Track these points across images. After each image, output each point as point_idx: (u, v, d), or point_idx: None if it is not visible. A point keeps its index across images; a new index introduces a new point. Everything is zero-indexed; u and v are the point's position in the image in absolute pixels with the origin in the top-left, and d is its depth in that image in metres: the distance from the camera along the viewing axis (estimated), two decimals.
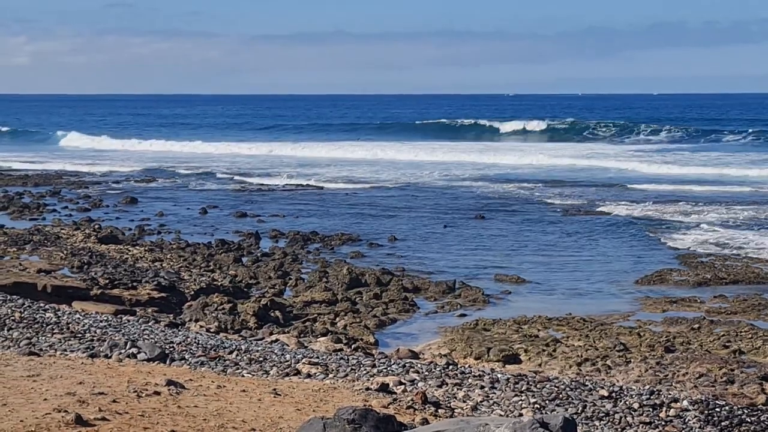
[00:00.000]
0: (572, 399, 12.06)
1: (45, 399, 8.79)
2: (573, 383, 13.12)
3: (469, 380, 12.65)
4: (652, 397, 12.41)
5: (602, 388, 12.88)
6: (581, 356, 17.55)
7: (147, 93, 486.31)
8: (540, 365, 17.33)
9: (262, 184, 49.98)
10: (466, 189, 47.77)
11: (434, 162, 65.32)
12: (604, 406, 11.86)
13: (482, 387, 12.21)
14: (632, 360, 17.35)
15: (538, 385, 12.59)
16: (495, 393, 11.95)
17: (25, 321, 14.93)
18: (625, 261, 27.86)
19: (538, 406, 11.53)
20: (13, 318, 15.04)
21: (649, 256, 28.52)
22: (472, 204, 41.12)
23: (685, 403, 12.30)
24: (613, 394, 12.48)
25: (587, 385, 13.05)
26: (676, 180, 51.36)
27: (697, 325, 19.94)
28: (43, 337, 13.72)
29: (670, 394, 12.90)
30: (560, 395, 12.16)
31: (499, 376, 13.13)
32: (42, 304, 17.39)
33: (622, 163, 62.17)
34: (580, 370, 16.87)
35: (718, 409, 12.22)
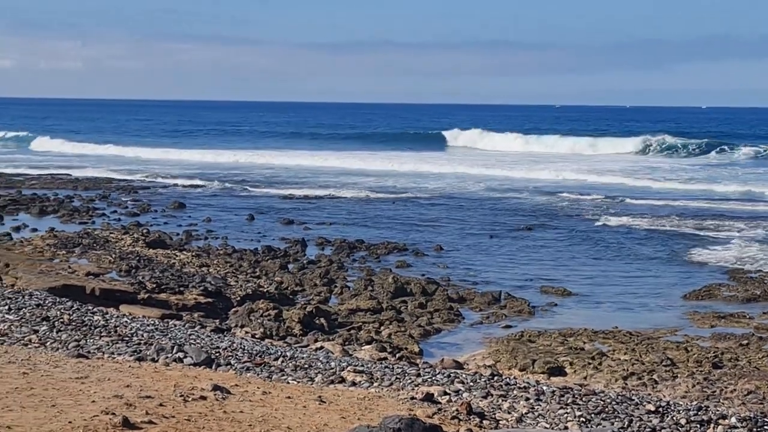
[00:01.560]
0: (618, 413, 11.95)
1: (93, 401, 8.85)
2: (619, 397, 13.00)
3: (514, 392, 12.59)
4: (699, 413, 12.26)
5: (649, 402, 12.75)
6: (627, 370, 17.41)
7: (195, 99, 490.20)
8: (585, 378, 17.21)
9: (308, 194, 50.00)
10: (513, 200, 47.62)
11: (479, 174, 65.00)
12: (650, 421, 11.73)
13: (527, 399, 12.14)
14: (679, 375, 17.18)
15: (583, 398, 12.49)
16: (540, 405, 11.87)
17: (73, 323, 15.05)
18: (673, 275, 27.63)
19: (584, 420, 11.43)
20: (62, 320, 15.18)
21: (697, 271, 28.27)
22: (519, 215, 41.00)
23: (733, 420, 12.14)
24: (660, 410, 12.35)
25: (633, 400, 12.92)
26: (723, 197, 50.86)
27: (745, 342, 19.71)
28: (91, 340, 13.82)
29: (717, 411, 12.74)
30: (606, 409, 12.06)
31: (544, 388, 13.04)
32: (90, 307, 17.54)
33: (664, 182, 61.39)
34: (626, 384, 16.73)
35: (766, 427, 12.06)
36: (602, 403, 12.37)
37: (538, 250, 31.80)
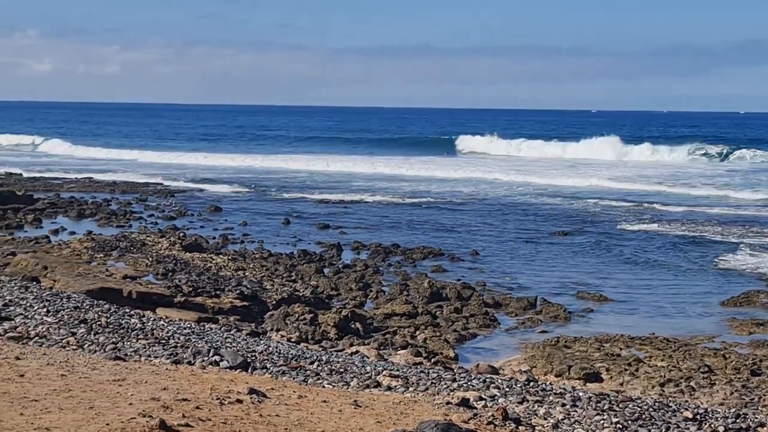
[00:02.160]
0: (655, 420, 11.86)
1: (130, 403, 8.89)
2: (656, 404, 12.90)
3: (550, 397, 12.52)
4: (738, 421, 12.15)
5: (686, 409, 12.65)
6: (664, 377, 17.30)
7: (233, 103, 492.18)
8: (622, 384, 17.12)
9: (343, 199, 50.02)
10: (548, 206, 47.50)
11: (513, 180, 64.80)
12: (688, 429, 11.64)
13: (563, 405, 12.07)
14: (717, 382, 17.04)
15: (620, 405, 12.40)
16: (576, 411, 11.80)
17: (111, 326, 15.14)
18: (710, 282, 27.44)
19: (621, 426, 11.35)
20: (99, 323, 15.27)
21: (735, 278, 28.05)
22: (554, 221, 40.88)
23: None
24: (698, 417, 12.24)
25: (671, 407, 12.82)
26: (763, 203, 50.41)
27: None
28: (128, 342, 13.89)
29: (756, 419, 12.62)
30: (643, 416, 11.97)
31: (580, 394, 12.97)
32: (127, 310, 17.62)
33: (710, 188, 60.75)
34: (663, 390, 16.63)
35: None
36: (639, 409, 12.28)
37: (573, 255, 31.67)
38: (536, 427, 10.82)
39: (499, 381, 13.64)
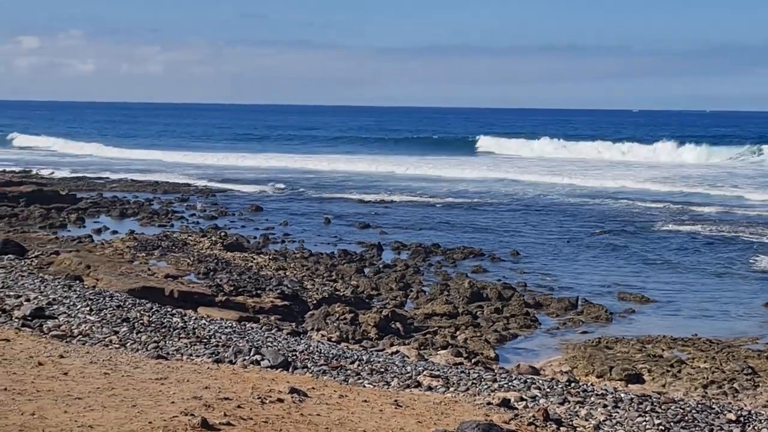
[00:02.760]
0: (698, 422, 11.76)
1: (172, 402, 8.94)
2: (699, 406, 12.79)
3: (592, 398, 12.45)
4: None
5: (729, 411, 12.54)
6: (707, 378, 17.16)
7: (274, 103, 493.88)
8: (664, 386, 16.99)
9: (384, 199, 49.98)
10: (587, 206, 47.25)
11: (550, 181, 64.46)
12: (731, 431, 11.55)
13: (605, 406, 12.01)
14: (761, 384, 16.89)
15: (662, 407, 12.31)
16: (618, 412, 11.73)
17: (153, 325, 15.24)
18: (753, 283, 27.20)
19: (663, 428, 11.28)
20: (141, 321, 15.38)
21: None
22: (593, 222, 40.65)
23: None
24: (741, 419, 12.14)
25: (714, 409, 12.71)
26: None
27: None
28: (170, 341, 13.99)
29: None
30: (686, 418, 11.87)
31: (622, 395, 12.89)
32: (169, 309, 17.74)
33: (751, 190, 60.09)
34: (706, 392, 16.49)
35: None
36: (682, 411, 12.18)
37: (614, 256, 31.49)
38: (577, 428, 10.78)
39: (540, 381, 13.59)
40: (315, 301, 22.67)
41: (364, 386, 11.97)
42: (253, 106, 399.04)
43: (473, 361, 17.89)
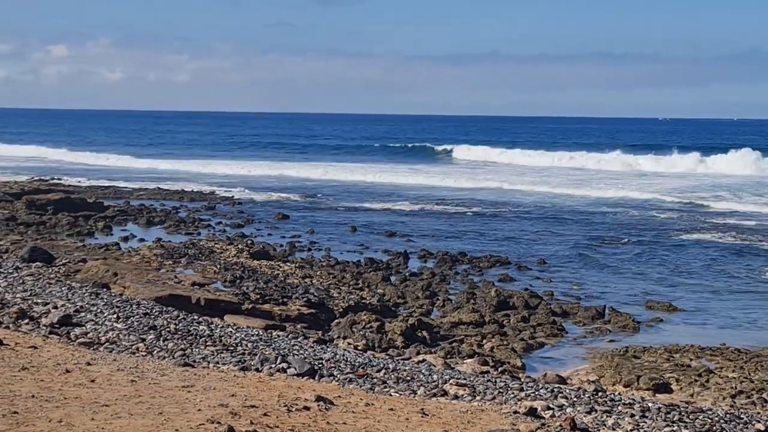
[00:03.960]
0: None
1: (199, 409, 8.96)
2: (727, 415, 12.71)
3: (619, 408, 12.39)
4: None
5: (758, 422, 12.45)
6: (735, 388, 17.03)
7: (303, 111, 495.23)
8: (692, 396, 16.88)
9: (411, 208, 49.95)
10: (615, 215, 47.07)
11: (574, 193, 64.26)
12: None
13: (632, 415, 11.94)
14: None
15: (690, 416, 12.24)
16: (646, 422, 11.67)
17: (179, 332, 15.29)
18: None
19: None
20: (168, 329, 15.43)
21: None
22: (619, 231, 40.47)
23: None
24: None
25: (742, 419, 12.62)
26: None
27: None
28: (197, 349, 14.02)
29: None
30: (714, 428, 11.80)
31: (650, 404, 12.82)
32: (195, 317, 17.79)
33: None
34: (735, 402, 16.36)
35: None
36: (710, 421, 12.10)
37: (641, 265, 31.33)
38: None
39: (567, 391, 13.53)
40: (341, 309, 22.67)
41: (391, 395, 11.96)
42: (282, 115, 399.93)
43: (500, 369, 17.84)
